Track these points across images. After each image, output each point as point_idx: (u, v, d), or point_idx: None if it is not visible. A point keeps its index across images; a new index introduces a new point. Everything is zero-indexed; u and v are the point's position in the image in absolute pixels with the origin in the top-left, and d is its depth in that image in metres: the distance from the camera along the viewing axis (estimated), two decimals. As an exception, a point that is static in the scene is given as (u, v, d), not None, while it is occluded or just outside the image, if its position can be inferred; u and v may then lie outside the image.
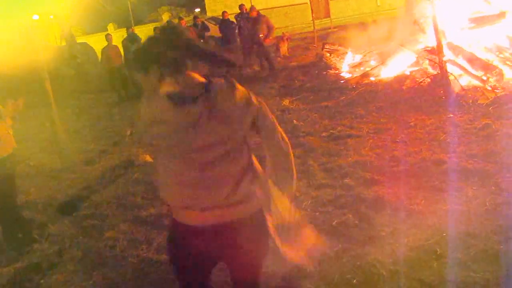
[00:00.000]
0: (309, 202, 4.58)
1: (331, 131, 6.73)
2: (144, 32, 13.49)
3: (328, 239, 3.76)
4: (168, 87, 1.96)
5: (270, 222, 2.16)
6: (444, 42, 7.93)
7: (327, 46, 12.11)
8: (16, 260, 4.45)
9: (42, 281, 4.02)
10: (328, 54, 11.58)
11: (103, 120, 10.59)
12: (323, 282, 3.30)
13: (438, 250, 3.45)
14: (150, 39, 2.03)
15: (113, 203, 5.42)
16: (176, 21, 15.07)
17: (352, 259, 3.51)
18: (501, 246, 3.37)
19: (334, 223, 4.07)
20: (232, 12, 15.11)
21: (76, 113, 11.26)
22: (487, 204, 3.98)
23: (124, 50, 12.96)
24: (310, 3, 23.99)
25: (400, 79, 8.72)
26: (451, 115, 6.52)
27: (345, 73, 10.46)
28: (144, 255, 4.17)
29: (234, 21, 14.04)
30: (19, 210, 4.85)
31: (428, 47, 8.73)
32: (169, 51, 1.96)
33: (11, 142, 4.51)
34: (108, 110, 11.66)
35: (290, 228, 2.20)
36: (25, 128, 7.93)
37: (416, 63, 9.00)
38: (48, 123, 7.93)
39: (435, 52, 7.95)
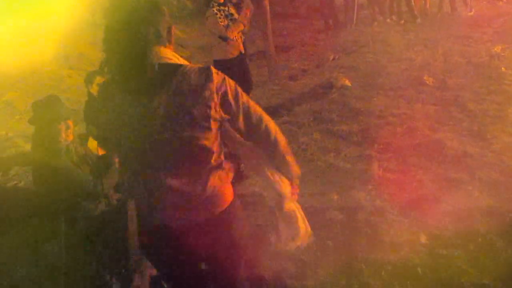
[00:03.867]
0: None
1: (542, 84, 6.30)
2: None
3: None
4: None
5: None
6: None
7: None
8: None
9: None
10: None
11: (308, 45, 11.22)
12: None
13: None
14: None
15: (310, 115, 6.06)
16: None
17: None
18: None
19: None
20: None
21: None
22: None
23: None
24: None
25: None
26: None
27: None
28: (332, 161, 4.76)
29: None
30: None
31: None
32: None
33: (239, 46, 5.46)
34: (314, 35, 12.25)
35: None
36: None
37: None
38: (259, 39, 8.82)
39: None
